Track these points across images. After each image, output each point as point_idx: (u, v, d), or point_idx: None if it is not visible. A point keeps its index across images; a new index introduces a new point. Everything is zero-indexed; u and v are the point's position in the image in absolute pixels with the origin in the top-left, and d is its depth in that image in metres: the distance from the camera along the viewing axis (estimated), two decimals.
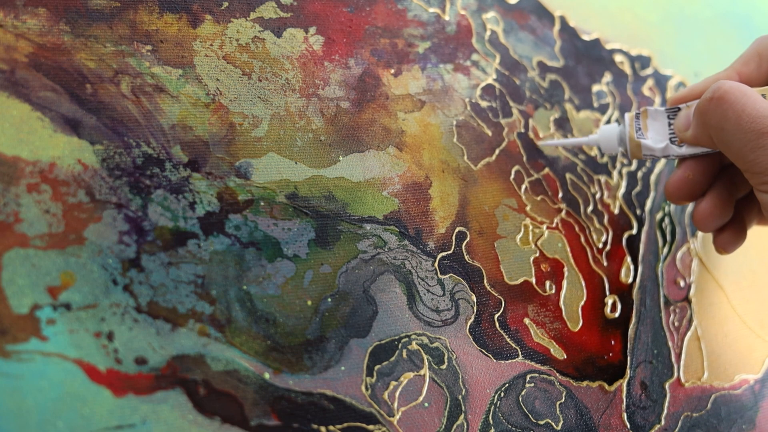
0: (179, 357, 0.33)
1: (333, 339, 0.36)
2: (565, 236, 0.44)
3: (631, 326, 0.44)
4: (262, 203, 0.37)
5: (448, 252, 0.40)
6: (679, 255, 0.47)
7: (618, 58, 0.50)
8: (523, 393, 0.39)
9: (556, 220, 0.44)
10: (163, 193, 0.35)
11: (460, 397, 0.38)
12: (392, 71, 0.42)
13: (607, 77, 0.49)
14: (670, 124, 0.39)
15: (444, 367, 0.38)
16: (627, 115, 0.40)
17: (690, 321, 0.46)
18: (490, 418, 0.38)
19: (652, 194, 0.48)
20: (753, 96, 0.35)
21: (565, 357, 0.41)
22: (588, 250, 0.44)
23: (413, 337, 0.38)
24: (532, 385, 0.40)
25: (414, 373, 0.37)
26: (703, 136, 0.37)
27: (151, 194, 0.35)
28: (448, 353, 0.38)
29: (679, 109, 0.39)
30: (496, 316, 0.40)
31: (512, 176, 0.43)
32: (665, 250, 0.47)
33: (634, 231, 0.46)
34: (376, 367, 0.36)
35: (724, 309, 0.47)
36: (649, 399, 0.42)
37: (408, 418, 0.36)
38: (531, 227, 0.43)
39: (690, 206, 0.49)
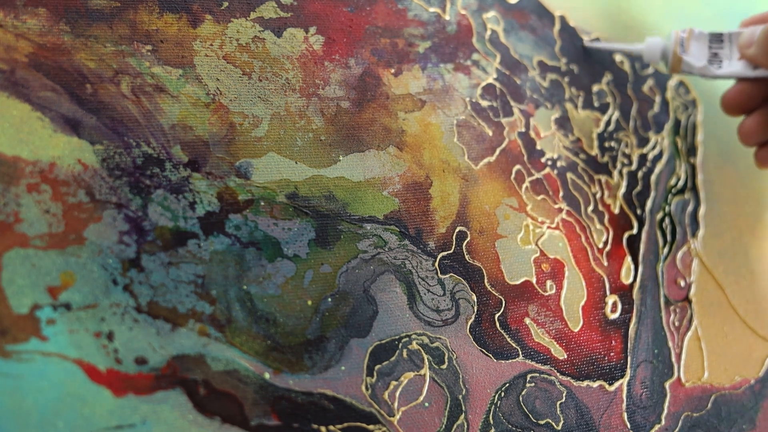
0: (179, 357, 0.33)
1: (333, 339, 0.36)
2: (566, 236, 0.44)
3: (632, 326, 0.44)
4: (262, 203, 0.37)
5: (449, 252, 0.40)
6: (679, 255, 0.47)
7: (618, 57, 0.50)
8: (523, 393, 0.39)
9: (556, 220, 0.44)
10: (163, 193, 0.35)
11: (460, 396, 0.38)
12: (392, 71, 0.42)
13: (608, 77, 0.49)
14: (710, 48, 0.44)
15: (444, 366, 0.38)
16: (673, 32, 0.44)
17: (690, 321, 0.46)
18: (491, 417, 0.38)
19: (652, 194, 0.48)
20: None
21: (566, 357, 0.41)
22: (589, 249, 0.44)
23: (413, 336, 0.38)
24: (533, 384, 0.40)
25: (414, 373, 0.37)
26: (764, 59, 0.41)
27: (151, 194, 0.35)
28: (449, 353, 0.38)
29: (722, 36, 0.44)
30: (497, 316, 0.40)
31: (513, 176, 0.43)
32: (665, 249, 0.47)
33: (635, 231, 0.46)
34: (377, 367, 0.36)
35: (724, 309, 0.47)
36: (650, 399, 0.42)
37: (408, 418, 0.36)
38: (532, 227, 0.43)
39: (690, 206, 0.49)
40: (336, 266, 0.37)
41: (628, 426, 0.41)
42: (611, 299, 0.44)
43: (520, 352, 0.40)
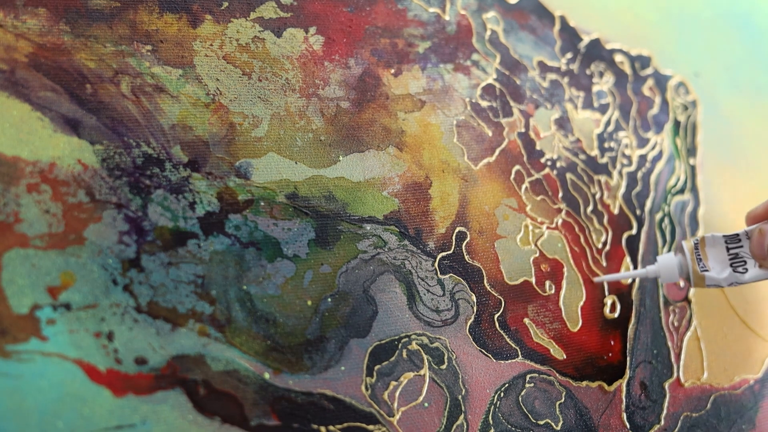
0: (179, 357, 0.33)
1: (333, 339, 0.36)
2: (565, 236, 0.44)
3: (631, 326, 0.44)
4: (262, 203, 0.37)
5: (448, 252, 0.40)
6: None
7: (618, 57, 0.50)
8: (522, 393, 0.39)
9: (556, 220, 0.44)
10: (163, 193, 0.35)
11: (459, 397, 0.38)
12: (392, 71, 0.42)
13: (608, 77, 0.49)
14: (728, 249, 0.39)
15: (444, 367, 0.38)
16: (686, 246, 0.40)
17: (689, 321, 0.46)
18: (490, 418, 0.38)
19: (651, 194, 0.48)
20: None
21: (565, 357, 0.41)
22: (588, 250, 0.44)
23: (413, 337, 0.38)
24: (532, 385, 0.40)
25: (414, 373, 0.37)
26: None
27: (151, 194, 0.35)
28: (448, 353, 0.38)
29: (738, 236, 0.39)
30: (496, 316, 0.40)
31: (512, 176, 0.43)
32: (665, 250, 0.47)
33: (634, 231, 0.46)
34: (376, 367, 0.36)
35: (724, 309, 0.47)
36: (649, 399, 0.43)
37: (408, 418, 0.36)
38: (531, 227, 0.43)
39: (690, 206, 0.49)
40: (336, 266, 0.37)
41: (628, 426, 0.41)
42: (610, 299, 0.44)
43: (520, 353, 0.40)
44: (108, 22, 0.36)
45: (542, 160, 0.45)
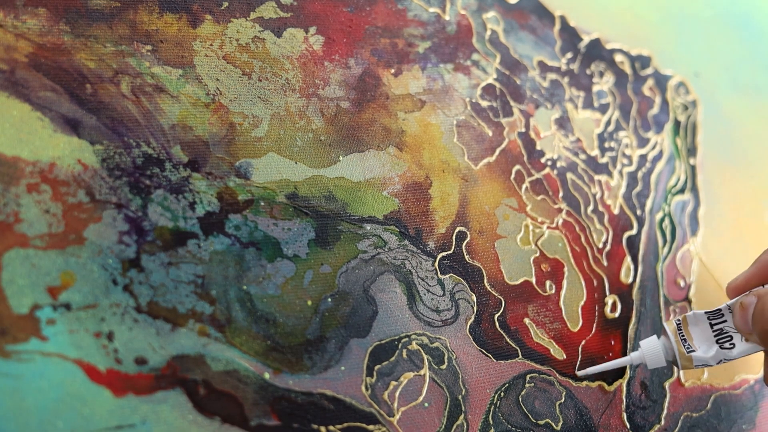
0: (179, 357, 0.33)
1: (333, 339, 0.36)
2: (566, 236, 0.44)
3: (631, 326, 0.44)
4: (262, 203, 0.37)
5: (449, 252, 0.40)
6: (679, 255, 0.47)
7: (618, 57, 0.50)
8: (522, 393, 0.39)
9: (556, 220, 0.44)
10: (163, 193, 0.35)
11: (460, 397, 0.38)
12: (392, 71, 0.42)
13: (608, 77, 0.49)
14: (712, 326, 0.38)
15: (444, 367, 0.38)
16: (668, 327, 0.38)
17: None
18: (490, 418, 0.38)
19: (652, 194, 0.48)
20: None
21: (565, 357, 0.41)
22: (588, 250, 0.44)
23: (413, 337, 0.38)
24: (532, 385, 0.40)
25: (414, 373, 0.37)
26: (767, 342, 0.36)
27: (151, 194, 0.35)
28: (448, 353, 0.38)
29: (720, 311, 0.38)
30: (496, 316, 0.40)
31: (513, 176, 0.43)
32: (665, 250, 0.47)
33: (635, 231, 0.46)
34: (376, 367, 0.36)
35: None
36: (649, 399, 0.42)
37: (408, 418, 0.36)
38: (531, 227, 0.43)
39: (690, 206, 0.49)
40: (336, 266, 0.37)
41: (628, 426, 0.41)
42: (611, 299, 0.44)
43: (520, 353, 0.40)
44: (108, 22, 0.36)
45: (542, 160, 0.45)
